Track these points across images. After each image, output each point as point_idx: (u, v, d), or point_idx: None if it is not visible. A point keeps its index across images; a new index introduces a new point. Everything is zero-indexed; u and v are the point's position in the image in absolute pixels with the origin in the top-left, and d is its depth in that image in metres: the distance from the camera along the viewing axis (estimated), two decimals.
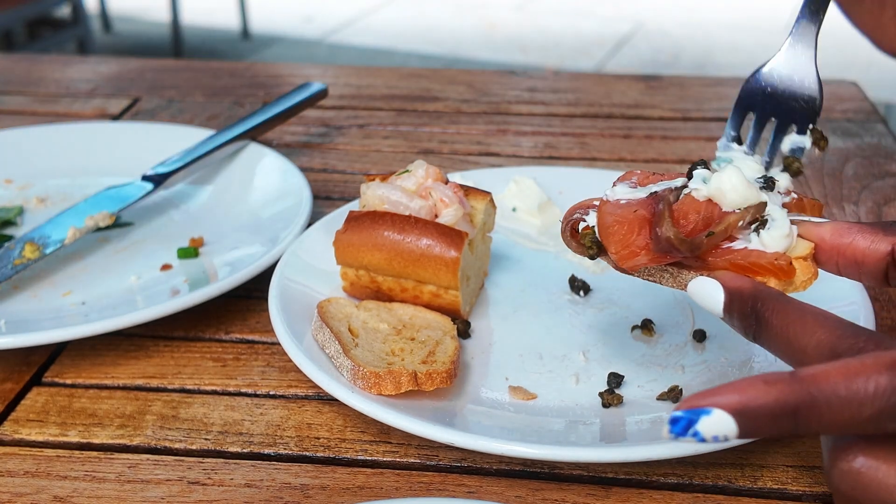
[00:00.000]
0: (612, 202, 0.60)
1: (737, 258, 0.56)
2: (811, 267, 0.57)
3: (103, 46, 5.21)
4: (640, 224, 0.58)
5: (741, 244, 0.57)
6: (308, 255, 0.84)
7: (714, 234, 0.56)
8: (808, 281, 0.57)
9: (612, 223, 0.59)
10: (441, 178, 0.80)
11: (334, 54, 5.25)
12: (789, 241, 0.56)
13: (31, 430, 0.70)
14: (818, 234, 0.56)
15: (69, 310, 0.83)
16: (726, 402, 0.41)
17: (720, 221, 0.56)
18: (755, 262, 0.56)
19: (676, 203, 0.58)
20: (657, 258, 0.57)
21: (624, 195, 0.61)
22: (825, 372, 0.42)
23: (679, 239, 0.56)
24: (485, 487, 0.64)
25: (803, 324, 0.49)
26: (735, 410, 0.41)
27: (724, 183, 0.57)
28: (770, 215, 0.57)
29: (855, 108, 1.29)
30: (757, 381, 0.42)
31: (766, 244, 0.56)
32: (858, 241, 0.54)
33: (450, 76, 1.46)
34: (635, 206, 0.59)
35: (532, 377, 0.73)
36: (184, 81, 1.43)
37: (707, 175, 0.59)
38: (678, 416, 0.42)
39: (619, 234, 0.58)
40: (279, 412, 0.71)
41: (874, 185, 1.07)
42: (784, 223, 0.56)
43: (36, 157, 1.12)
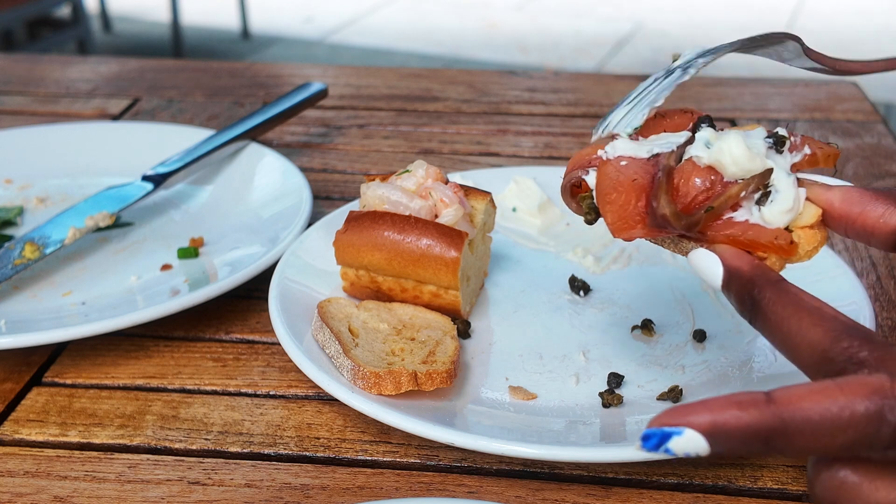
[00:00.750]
0: (612, 163, 0.57)
1: (736, 233, 0.53)
2: (817, 235, 0.54)
3: (103, 46, 5.21)
4: (637, 194, 0.55)
5: (744, 215, 0.54)
6: (308, 255, 0.84)
7: (713, 208, 0.53)
8: (813, 250, 0.54)
9: (610, 190, 0.56)
10: (441, 178, 0.80)
11: (334, 54, 5.25)
12: (792, 214, 0.53)
13: (32, 431, 0.70)
14: (827, 200, 0.54)
15: (69, 310, 0.83)
16: (698, 423, 0.41)
17: (720, 194, 0.54)
18: (754, 240, 0.53)
19: (677, 168, 0.55)
20: (653, 232, 0.55)
21: (625, 151, 0.57)
22: (799, 396, 0.41)
23: (675, 216, 0.54)
24: (485, 487, 0.64)
25: (798, 320, 0.47)
26: (706, 431, 0.41)
27: (724, 154, 0.54)
28: (774, 185, 0.54)
29: (855, 109, 1.29)
30: (731, 403, 0.41)
31: (767, 220, 0.53)
32: (869, 211, 0.52)
33: (450, 76, 1.46)
34: (634, 174, 0.56)
35: (532, 377, 0.73)
36: (184, 81, 1.43)
37: (711, 138, 0.56)
38: (650, 433, 0.42)
39: (616, 202, 0.56)
40: (279, 412, 0.71)
41: (874, 185, 1.07)
42: (788, 195, 0.54)
43: (36, 157, 1.12)
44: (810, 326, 0.47)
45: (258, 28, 5.62)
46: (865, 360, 0.44)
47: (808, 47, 0.61)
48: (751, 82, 1.41)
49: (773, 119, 1.26)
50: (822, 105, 1.31)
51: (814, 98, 1.33)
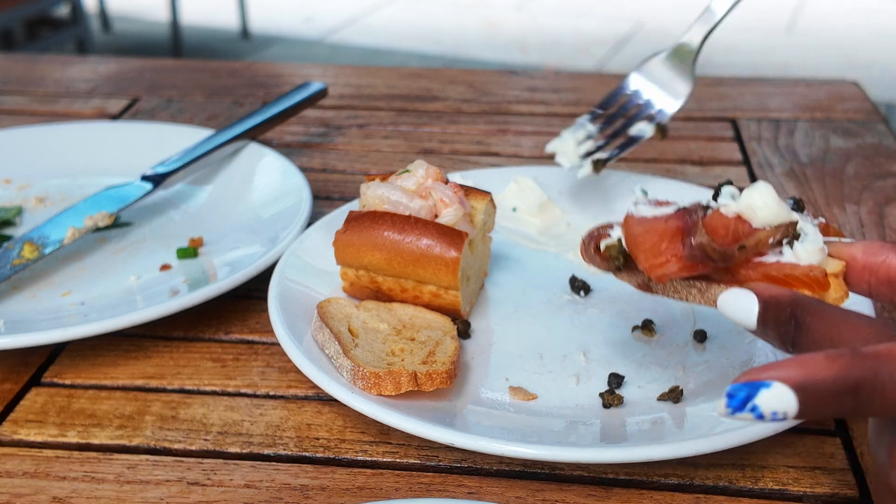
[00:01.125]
0: (638, 216, 0.60)
1: (770, 270, 0.56)
2: (842, 285, 0.56)
3: (102, 46, 5.21)
4: (672, 233, 0.57)
5: (772, 258, 0.56)
6: (308, 255, 0.84)
7: (745, 247, 0.56)
8: (839, 299, 0.56)
9: (642, 233, 0.59)
10: (441, 178, 0.80)
11: (334, 54, 5.25)
12: (822, 255, 0.55)
13: (30, 431, 0.70)
14: (849, 253, 0.56)
15: (68, 310, 0.82)
16: (787, 376, 0.40)
17: (751, 236, 0.56)
18: (789, 274, 0.55)
19: (706, 218, 0.58)
20: (689, 267, 0.57)
21: (648, 213, 0.60)
22: (888, 349, 0.41)
23: (712, 247, 0.56)
24: (485, 488, 0.64)
25: (847, 325, 0.48)
26: (797, 384, 0.40)
27: (755, 199, 0.56)
28: (803, 230, 0.57)
29: (856, 108, 1.29)
30: (818, 355, 0.41)
31: (800, 256, 0.55)
32: (892, 259, 0.53)
33: (450, 76, 1.46)
34: (666, 218, 0.59)
35: (532, 377, 0.73)
36: (183, 81, 1.43)
37: (735, 192, 0.59)
38: (736, 388, 0.40)
39: (649, 242, 0.58)
40: (279, 413, 0.71)
41: (875, 184, 1.07)
42: (818, 237, 0.56)
43: (35, 157, 1.11)
44: (861, 326, 0.47)
45: (258, 28, 5.62)
46: None
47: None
48: (751, 82, 1.40)
49: (773, 119, 1.25)
50: (823, 105, 1.31)
51: (814, 98, 1.33)
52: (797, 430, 0.66)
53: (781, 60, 4.87)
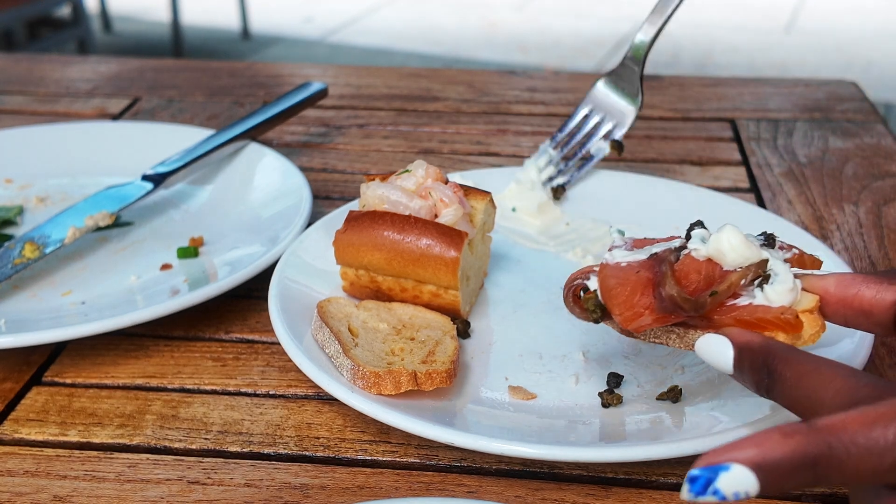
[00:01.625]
0: (612, 265, 0.60)
1: (742, 314, 0.56)
2: (818, 320, 0.56)
3: (103, 46, 5.21)
4: (644, 285, 0.58)
5: (745, 300, 0.56)
6: (308, 254, 0.84)
7: (717, 293, 0.56)
8: (815, 334, 0.56)
9: (615, 285, 0.59)
10: (441, 178, 0.80)
11: (334, 54, 5.25)
12: (794, 294, 0.56)
13: (31, 430, 0.70)
14: (822, 287, 0.56)
15: (69, 309, 0.83)
16: (745, 457, 0.40)
17: (722, 280, 0.56)
18: (761, 318, 0.55)
19: (677, 263, 0.58)
20: (662, 318, 0.57)
21: (623, 258, 0.61)
22: (842, 420, 0.41)
23: (682, 297, 0.56)
24: (484, 487, 0.64)
25: (819, 374, 0.48)
26: (754, 464, 0.40)
27: (723, 243, 0.57)
28: (773, 270, 0.57)
29: (855, 109, 1.29)
30: (774, 433, 0.41)
31: (771, 299, 0.56)
32: (864, 291, 0.54)
33: (450, 76, 1.46)
34: (637, 268, 0.59)
35: (532, 377, 0.73)
36: (184, 81, 1.43)
37: (705, 235, 0.59)
38: (696, 474, 0.41)
39: (622, 295, 0.59)
40: (279, 412, 0.71)
41: (874, 185, 1.07)
42: (788, 277, 0.56)
43: (36, 157, 1.12)
44: (832, 378, 0.48)
45: (258, 28, 5.62)
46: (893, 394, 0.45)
47: None
48: (751, 82, 1.41)
49: (772, 119, 1.26)
50: (822, 105, 1.31)
51: (813, 98, 1.34)
52: None
53: (780, 60, 4.87)
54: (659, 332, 0.61)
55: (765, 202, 1.03)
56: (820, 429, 0.41)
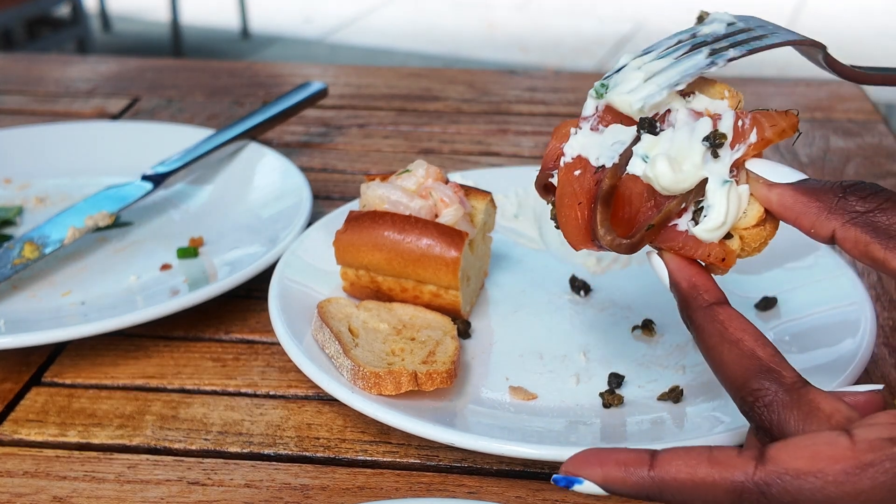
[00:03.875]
0: (568, 172, 0.58)
1: (675, 247, 0.55)
2: (762, 232, 0.55)
3: (103, 46, 5.21)
4: (584, 215, 0.57)
5: (685, 224, 0.55)
6: (308, 255, 0.84)
7: (653, 225, 0.55)
8: (761, 245, 0.55)
9: (563, 206, 0.58)
10: (441, 178, 0.80)
11: (334, 54, 5.25)
12: (723, 231, 0.54)
13: (31, 431, 0.70)
14: (766, 199, 0.54)
15: (68, 310, 0.82)
16: (592, 476, 0.46)
17: (659, 210, 0.55)
18: (691, 255, 0.55)
19: (621, 180, 0.56)
20: (602, 249, 0.57)
21: (581, 149, 0.58)
22: (676, 463, 0.45)
23: (615, 243, 0.55)
24: (485, 488, 0.64)
25: (720, 351, 0.50)
26: (599, 481, 0.46)
27: (653, 180, 0.54)
28: (707, 200, 0.54)
29: (856, 109, 1.29)
30: (618, 463, 0.46)
31: (702, 237, 0.54)
32: (802, 219, 0.53)
33: (450, 76, 1.46)
34: (581, 195, 0.57)
35: (532, 377, 0.73)
36: (183, 81, 1.43)
37: (649, 147, 0.55)
38: (558, 479, 0.47)
39: (569, 219, 0.58)
40: (279, 412, 0.71)
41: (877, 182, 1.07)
42: (720, 211, 0.54)
43: (35, 157, 1.11)
44: (730, 361, 0.50)
45: (258, 28, 5.62)
46: (771, 403, 0.47)
47: (831, 57, 0.62)
48: (751, 82, 1.40)
49: None
50: (823, 105, 1.31)
51: (815, 98, 1.33)
52: None
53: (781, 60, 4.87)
54: None
55: None
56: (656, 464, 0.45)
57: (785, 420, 0.46)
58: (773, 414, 0.46)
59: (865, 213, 0.51)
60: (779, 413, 0.46)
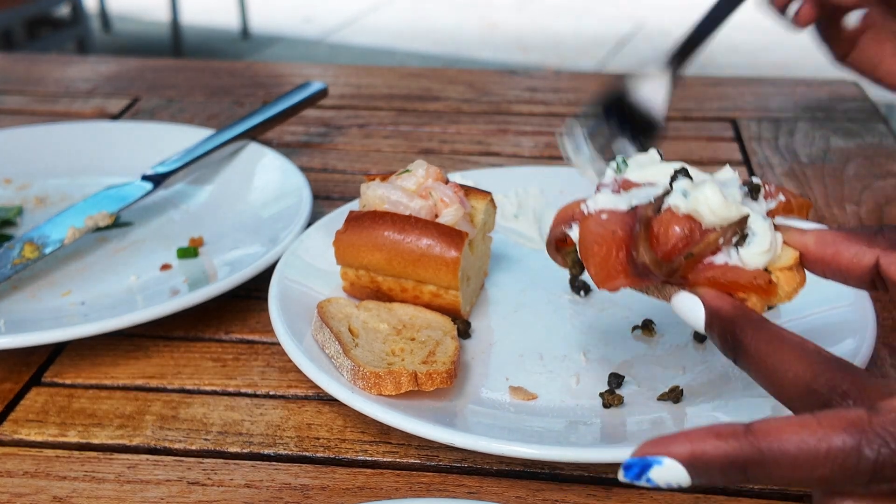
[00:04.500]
0: (593, 217, 0.59)
1: (716, 275, 0.55)
2: (796, 276, 0.56)
3: (103, 46, 5.21)
4: (619, 245, 0.57)
5: (723, 258, 0.55)
6: (308, 255, 0.84)
7: (693, 255, 0.55)
8: (793, 291, 0.56)
9: (592, 243, 0.58)
10: (441, 178, 0.80)
11: (334, 54, 5.25)
12: (769, 255, 0.55)
13: (31, 431, 0.70)
14: (802, 243, 0.55)
15: (68, 310, 0.82)
16: (677, 452, 0.42)
17: (700, 240, 0.55)
18: (734, 281, 0.55)
19: (657, 218, 0.57)
20: (636, 281, 0.56)
21: (606, 204, 0.59)
22: (778, 428, 0.42)
23: (656, 263, 0.55)
24: (485, 488, 0.64)
25: (781, 355, 0.48)
26: (686, 461, 0.42)
27: (700, 204, 0.55)
28: (751, 229, 0.56)
29: (856, 108, 1.29)
30: (710, 433, 0.42)
31: (745, 261, 0.55)
32: (842, 252, 0.53)
33: (450, 76, 1.46)
34: (614, 226, 0.57)
35: (532, 377, 0.73)
36: (183, 81, 1.43)
37: (688, 187, 0.57)
38: (631, 462, 0.42)
39: (598, 255, 0.57)
40: (279, 412, 0.71)
41: (875, 185, 1.07)
42: (765, 238, 0.55)
43: (35, 157, 1.11)
44: (793, 360, 0.48)
45: (258, 28, 5.62)
46: (848, 391, 0.45)
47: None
48: (751, 82, 1.40)
49: (773, 118, 1.25)
50: (823, 105, 1.31)
51: (815, 98, 1.33)
52: None
53: (781, 60, 4.87)
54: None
55: None
56: (755, 433, 0.42)
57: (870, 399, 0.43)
58: (854, 398, 0.44)
59: None
60: (861, 395, 0.44)
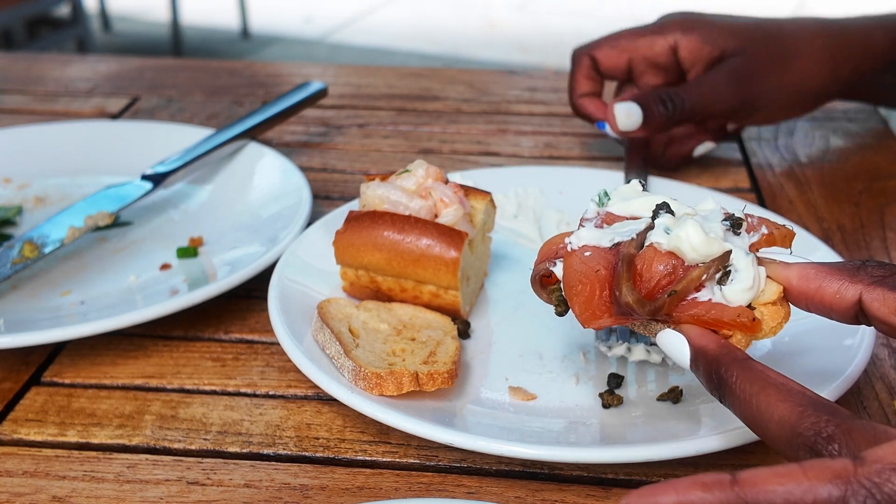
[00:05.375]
0: (577, 254, 0.59)
1: (700, 313, 0.55)
2: (780, 311, 0.56)
3: (103, 46, 5.21)
4: (602, 285, 0.57)
5: (707, 294, 0.55)
6: (308, 255, 0.84)
7: (676, 292, 0.55)
8: (778, 326, 0.56)
9: (576, 283, 0.58)
10: (441, 178, 0.80)
11: (334, 54, 5.25)
12: (753, 292, 0.55)
13: (30, 430, 0.70)
14: (786, 278, 0.56)
15: (68, 309, 0.82)
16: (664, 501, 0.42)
17: (683, 277, 0.55)
18: (718, 318, 0.55)
19: (639, 254, 0.57)
20: (620, 320, 0.57)
21: (590, 240, 0.59)
22: (764, 479, 0.42)
23: (639, 302, 0.55)
24: (484, 488, 0.64)
25: (766, 396, 0.48)
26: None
27: (682, 242, 0.55)
28: (734, 265, 0.56)
29: (856, 109, 1.29)
30: (696, 484, 0.42)
31: (729, 299, 0.55)
32: (825, 287, 0.54)
33: (450, 76, 1.46)
34: (597, 265, 0.57)
35: (532, 377, 0.73)
36: (183, 80, 1.43)
37: (670, 224, 0.57)
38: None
39: (581, 294, 0.57)
40: (278, 412, 0.71)
41: (875, 185, 1.07)
42: (748, 275, 0.55)
43: (35, 156, 1.11)
44: (778, 402, 0.48)
45: (258, 28, 5.62)
46: (834, 434, 0.45)
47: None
48: None
49: None
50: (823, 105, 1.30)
51: None
52: None
53: None
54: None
55: (766, 202, 1.03)
56: (741, 484, 0.42)
57: (855, 444, 0.44)
58: (839, 442, 0.44)
59: (886, 276, 0.52)
60: (846, 440, 0.44)
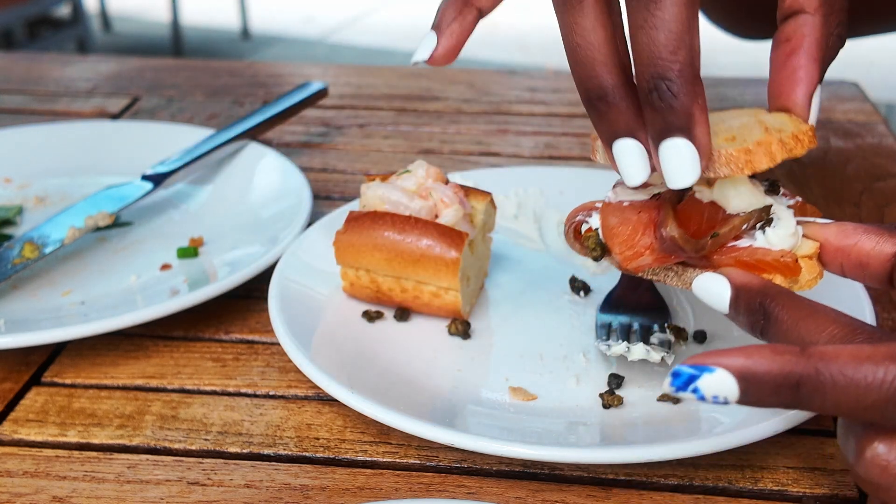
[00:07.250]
0: (614, 204, 0.60)
1: (742, 255, 0.56)
2: (816, 266, 0.57)
3: (103, 46, 5.21)
4: (644, 225, 0.58)
5: (746, 242, 0.57)
6: (308, 255, 0.84)
7: (719, 235, 0.56)
8: (813, 280, 0.57)
9: (616, 224, 0.59)
10: (441, 179, 0.80)
11: (334, 54, 5.25)
12: (795, 239, 0.56)
13: (30, 430, 0.70)
14: (823, 235, 0.57)
15: (68, 309, 0.82)
16: (731, 363, 0.41)
17: (725, 223, 0.56)
18: (761, 260, 0.56)
19: (680, 204, 0.58)
20: (662, 258, 0.57)
21: (626, 197, 0.61)
22: (836, 351, 0.42)
23: (684, 238, 0.56)
24: (485, 488, 0.64)
25: (815, 319, 0.49)
26: (739, 372, 0.41)
27: (727, 188, 0.56)
28: (776, 215, 0.57)
29: (856, 109, 1.29)
30: (765, 348, 0.42)
31: (772, 242, 0.56)
32: (863, 242, 0.54)
33: (450, 76, 1.46)
34: (639, 208, 0.59)
35: (532, 378, 0.73)
36: (183, 80, 1.43)
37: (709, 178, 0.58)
38: (680, 370, 0.41)
39: (622, 234, 0.59)
40: (279, 412, 0.71)
41: (875, 186, 1.07)
42: (790, 222, 0.56)
43: (35, 156, 1.11)
44: (828, 322, 0.48)
45: (258, 28, 5.62)
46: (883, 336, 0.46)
47: None
48: (752, 82, 1.40)
49: None
50: (823, 105, 1.31)
51: None
52: (797, 431, 0.66)
53: None
54: (658, 270, 0.61)
55: None
56: (812, 353, 0.41)
57: None
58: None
59: None
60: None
